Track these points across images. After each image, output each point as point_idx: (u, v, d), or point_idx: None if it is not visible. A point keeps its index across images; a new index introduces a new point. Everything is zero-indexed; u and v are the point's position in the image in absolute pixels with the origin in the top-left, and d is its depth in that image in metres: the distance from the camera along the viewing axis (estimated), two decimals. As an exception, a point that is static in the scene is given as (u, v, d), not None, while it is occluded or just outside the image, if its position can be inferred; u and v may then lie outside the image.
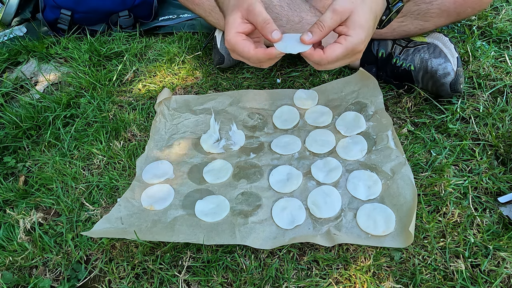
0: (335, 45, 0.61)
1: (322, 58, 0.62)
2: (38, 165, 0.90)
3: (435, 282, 0.61)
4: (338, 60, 0.62)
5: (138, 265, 0.69)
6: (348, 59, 0.63)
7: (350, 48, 0.61)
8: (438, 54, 0.84)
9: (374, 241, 0.66)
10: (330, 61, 0.62)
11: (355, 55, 0.63)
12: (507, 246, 0.64)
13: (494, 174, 0.74)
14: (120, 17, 1.29)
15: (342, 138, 0.84)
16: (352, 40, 0.61)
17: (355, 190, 0.74)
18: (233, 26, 0.64)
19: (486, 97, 0.89)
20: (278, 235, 0.69)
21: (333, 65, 0.64)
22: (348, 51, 0.61)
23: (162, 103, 0.95)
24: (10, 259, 0.72)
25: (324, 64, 0.63)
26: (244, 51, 0.63)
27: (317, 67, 0.65)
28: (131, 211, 0.75)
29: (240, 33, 0.64)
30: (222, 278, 0.66)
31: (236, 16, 0.64)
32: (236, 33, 0.63)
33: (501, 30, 1.04)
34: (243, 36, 0.64)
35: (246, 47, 0.63)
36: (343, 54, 0.61)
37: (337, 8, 0.61)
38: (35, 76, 1.19)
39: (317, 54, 0.62)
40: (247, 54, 0.63)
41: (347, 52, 0.61)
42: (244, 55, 0.64)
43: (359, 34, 0.61)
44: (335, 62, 0.62)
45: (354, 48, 0.61)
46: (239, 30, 0.64)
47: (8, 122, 0.99)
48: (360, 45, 0.61)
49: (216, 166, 0.83)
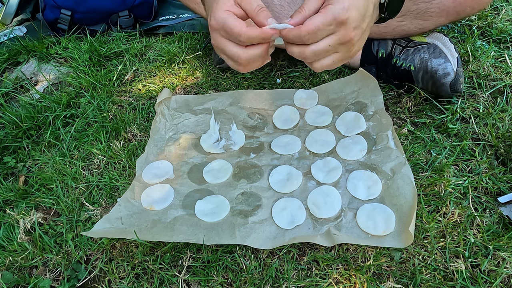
0: (314, 15, 0.55)
1: (301, 30, 0.54)
2: (38, 165, 0.90)
3: (435, 282, 0.61)
4: (319, 30, 0.54)
5: (138, 265, 0.69)
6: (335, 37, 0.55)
7: (330, 15, 0.53)
8: (438, 54, 0.84)
9: (374, 241, 0.66)
10: (310, 31, 0.54)
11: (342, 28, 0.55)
12: (507, 246, 0.64)
13: (494, 174, 0.74)
14: (120, 17, 1.29)
15: (342, 138, 0.84)
16: (333, 7, 0.54)
17: (355, 190, 0.74)
18: (225, 4, 0.57)
19: (486, 97, 0.89)
20: (278, 235, 0.69)
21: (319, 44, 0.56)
22: (328, 18, 0.54)
23: (162, 103, 0.95)
24: (10, 259, 0.72)
25: (304, 37, 0.55)
26: (235, 26, 0.55)
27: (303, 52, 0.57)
28: (131, 211, 0.75)
29: (231, 12, 0.57)
30: (222, 278, 0.66)
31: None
32: (226, 10, 0.57)
33: (501, 30, 1.04)
34: (234, 15, 0.57)
35: (238, 22, 0.56)
36: (323, 22, 0.54)
37: None
38: (35, 76, 1.19)
39: (296, 28, 0.55)
40: (238, 29, 0.55)
41: (328, 20, 0.54)
42: (235, 30, 0.55)
43: (342, 2, 0.54)
44: (317, 33, 0.54)
45: (336, 16, 0.53)
46: (231, 9, 0.57)
47: (8, 122, 0.99)
48: (343, 11, 0.53)
49: (216, 166, 0.83)
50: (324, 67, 0.59)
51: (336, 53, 0.58)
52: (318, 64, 0.59)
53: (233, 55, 0.58)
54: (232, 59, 0.59)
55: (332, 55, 0.58)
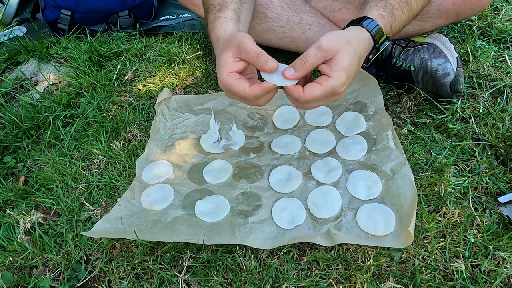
0: (314, 85, 0.60)
1: (301, 96, 0.61)
2: (38, 165, 0.90)
3: (435, 282, 0.61)
4: (316, 101, 0.61)
5: (138, 265, 0.69)
6: (327, 100, 0.63)
7: (329, 90, 0.60)
8: (438, 54, 0.84)
9: (374, 241, 0.66)
10: (309, 100, 0.61)
11: (335, 96, 0.62)
12: (507, 246, 0.64)
13: (494, 174, 0.74)
14: (120, 17, 1.29)
15: (342, 138, 0.84)
16: (333, 82, 0.59)
17: (355, 190, 0.74)
18: (225, 66, 0.62)
19: (486, 97, 0.89)
20: (278, 235, 0.69)
21: (312, 105, 0.63)
22: (327, 92, 0.60)
23: (162, 103, 0.95)
24: (10, 259, 0.72)
25: (302, 103, 0.62)
26: (239, 91, 0.62)
27: (297, 104, 0.64)
28: (131, 211, 0.75)
29: (233, 73, 0.63)
30: (222, 278, 0.66)
31: (227, 56, 0.63)
32: (229, 74, 0.62)
33: (501, 30, 1.04)
34: (237, 76, 0.63)
35: (241, 86, 0.62)
36: (321, 95, 0.60)
37: (322, 46, 0.60)
38: (35, 76, 1.19)
39: (297, 91, 0.61)
40: (243, 93, 0.62)
41: (326, 94, 0.60)
42: (240, 94, 0.62)
43: (341, 77, 0.60)
44: (314, 102, 0.61)
45: (334, 90, 0.60)
46: (232, 69, 0.62)
47: (8, 122, 0.99)
48: (340, 87, 0.60)
49: (216, 166, 0.83)
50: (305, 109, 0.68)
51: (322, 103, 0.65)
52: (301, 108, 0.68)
53: (251, 104, 0.65)
54: (252, 105, 0.66)
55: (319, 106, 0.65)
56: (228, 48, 0.63)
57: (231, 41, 0.64)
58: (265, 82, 0.61)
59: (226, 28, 0.70)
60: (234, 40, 0.63)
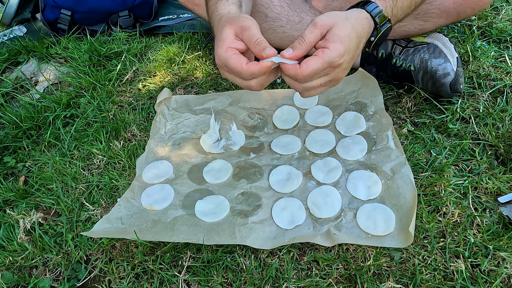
0: (311, 58, 0.58)
1: (297, 73, 0.59)
2: (38, 165, 0.90)
3: (435, 282, 0.61)
4: (314, 76, 0.59)
5: (138, 265, 0.69)
6: (327, 76, 0.60)
7: (327, 61, 0.58)
8: (438, 54, 0.84)
9: (374, 241, 0.66)
10: (306, 76, 0.58)
11: (335, 71, 0.60)
12: (507, 246, 0.64)
13: (494, 174, 0.74)
14: (120, 17, 1.29)
15: (342, 138, 0.84)
16: (329, 52, 0.58)
17: (355, 190, 0.74)
18: (226, 41, 0.61)
19: (486, 97, 0.89)
20: (278, 235, 0.69)
21: (311, 83, 0.61)
22: (325, 64, 0.58)
23: (162, 103, 0.95)
24: (10, 259, 0.72)
25: (301, 80, 0.60)
26: (236, 66, 0.60)
27: (295, 85, 0.62)
28: (131, 211, 0.75)
29: (232, 48, 0.61)
30: (222, 278, 0.66)
31: (229, 32, 0.62)
32: (228, 48, 0.61)
33: (501, 30, 1.04)
34: (235, 51, 0.61)
35: (239, 61, 0.60)
36: (319, 68, 0.58)
37: (317, 22, 0.59)
38: (35, 76, 1.19)
39: (293, 68, 0.59)
40: (240, 68, 0.60)
41: (324, 66, 0.58)
42: (237, 70, 0.60)
43: (338, 48, 0.58)
44: (312, 78, 0.59)
45: (332, 61, 0.58)
46: (232, 46, 0.61)
47: (8, 122, 0.99)
48: (338, 58, 0.58)
49: (216, 166, 0.83)
50: (310, 96, 0.64)
51: (324, 87, 0.63)
52: (305, 94, 0.64)
53: (243, 85, 0.64)
54: (243, 87, 0.64)
55: (320, 88, 0.63)
56: (231, 25, 0.62)
57: (236, 19, 0.63)
58: (262, 61, 0.60)
59: (229, 10, 0.69)
60: (239, 19, 0.62)
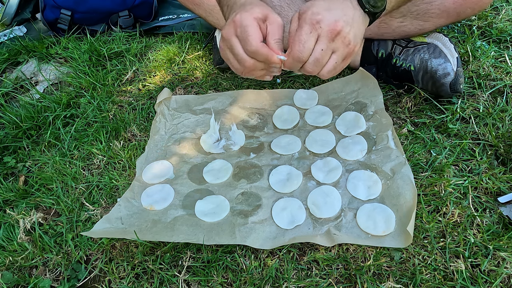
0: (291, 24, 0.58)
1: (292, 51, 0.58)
2: (38, 165, 0.90)
3: (435, 282, 0.61)
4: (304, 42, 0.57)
5: (138, 265, 0.69)
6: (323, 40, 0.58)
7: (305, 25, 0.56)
8: (438, 54, 0.84)
9: (374, 241, 0.66)
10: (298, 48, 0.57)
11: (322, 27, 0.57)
12: (507, 246, 0.64)
13: (494, 174, 0.74)
14: (120, 17, 1.29)
15: (342, 138, 0.84)
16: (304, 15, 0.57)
17: (355, 190, 0.74)
18: (254, 13, 0.58)
19: (486, 97, 0.89)
20: (278, 235, 0.69)
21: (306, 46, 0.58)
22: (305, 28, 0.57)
23: (162, 103, 0.95)
24: (10, 259, 0.72)
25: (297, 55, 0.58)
26: (251, 36, 0.57)
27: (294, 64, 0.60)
28: (131, 211, 0.75)
29: (256, 22, 0.58)
30: (222, 278, 0.66)
31: (259, 12, 0.59)
32: (254, 18, 0.58)
33: (501, 30, 1.04)
34: (258, 26, 0.59)
35: (257, 33, 0.57)
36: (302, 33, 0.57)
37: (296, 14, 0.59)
38: (35, 76, 1.19)
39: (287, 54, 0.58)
40: (252, 39, 0.57)
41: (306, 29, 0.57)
42: (250, 38, 0.57)
43: (310, 7, 0.57)
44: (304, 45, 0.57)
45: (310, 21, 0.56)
46: (258, 18, 0.59)
47: (8, 122, 0.99)
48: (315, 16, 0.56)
49: (216, 166, 0.83)
50: (330, 71, 0.61)
51: (334, 54, 0.60)
52: (324, 71, 0.61)
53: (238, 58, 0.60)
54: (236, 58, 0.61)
55: (331, 57, 0.60)
56: (262, 8, 0.60)
57: (266, 7, 0.61)
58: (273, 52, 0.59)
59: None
60: (270, 11, 0.60)
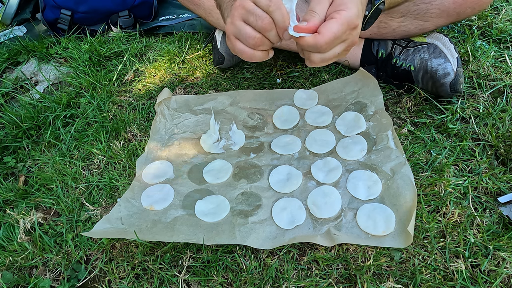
0: (329, 21, 0.56)
1: (318, 39, 0.56)
2: (38, 165, 0.90)
3: (435, 282, 0.61)
4: (336, 39, 0.56)
5: (138, 265, 0.69)
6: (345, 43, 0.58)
7: (346, 22, 0.55)
8: (438, 54, 0.84)
9: (374, 241, 0.66)
10: (328, 40, 0.55)
11: (352, 31, 0.57)
12: (507, 246, 0.64)
13: (494, 174, 0.74)
14: (120, 17, 1.29)
15: (342, 138, 0.84)
16: (346, 13, 0.56)
17: (355, 190, 0.74)
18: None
19: (486, 97, 0.89)
20: (278, 235, 0.69)
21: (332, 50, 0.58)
22: (344, 25, 0.56)
23: (162, 103, 0.95)
24: (10, 259, 0.72)
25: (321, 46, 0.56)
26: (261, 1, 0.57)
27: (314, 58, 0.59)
28: (131, 211, 0.75)
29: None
30: (222, 278, 0.66)
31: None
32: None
33: (501, 30, 1.04)
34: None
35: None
36: (339, 30, 0.55)
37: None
38: (35, 76, 1.19)
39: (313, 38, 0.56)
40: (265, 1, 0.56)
41: (344, 28, 0.56)
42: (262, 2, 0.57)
43: (352, 8, 0.56)
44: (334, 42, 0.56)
45: (350, 21, 0.56)
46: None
47: (8, 122, 0.99)
48: (356, 18, 0.56)
49: (216, 166, 0.83)
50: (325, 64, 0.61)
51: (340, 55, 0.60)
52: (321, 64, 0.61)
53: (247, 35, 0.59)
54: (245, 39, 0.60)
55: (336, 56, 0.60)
56: None
57: None
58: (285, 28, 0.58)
59: None
60: None
